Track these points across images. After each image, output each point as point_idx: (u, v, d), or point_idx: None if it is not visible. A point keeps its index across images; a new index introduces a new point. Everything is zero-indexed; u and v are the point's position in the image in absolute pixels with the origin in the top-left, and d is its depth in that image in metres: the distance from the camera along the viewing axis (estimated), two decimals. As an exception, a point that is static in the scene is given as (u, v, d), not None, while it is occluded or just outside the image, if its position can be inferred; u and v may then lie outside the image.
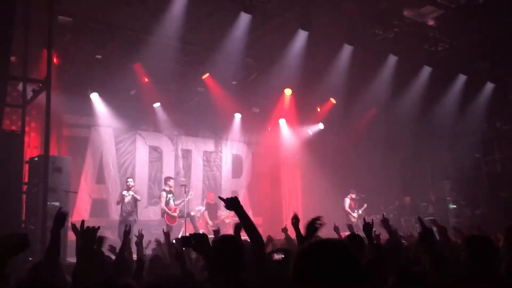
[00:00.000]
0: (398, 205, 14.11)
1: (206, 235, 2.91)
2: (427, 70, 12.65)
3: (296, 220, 3.80)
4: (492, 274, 2.93)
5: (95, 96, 11.06)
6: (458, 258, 3.24)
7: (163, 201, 10.71)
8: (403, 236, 6.45)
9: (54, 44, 8.28)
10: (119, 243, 4.95)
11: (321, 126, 14.60)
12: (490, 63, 13.07)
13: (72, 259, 5.64)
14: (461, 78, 13.08)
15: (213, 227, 9.87)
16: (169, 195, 10.80)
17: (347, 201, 12.84)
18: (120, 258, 4.31)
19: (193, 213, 11.05)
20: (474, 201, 13.36)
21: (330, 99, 13.82)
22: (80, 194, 10.93)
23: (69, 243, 6.87)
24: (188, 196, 10.76)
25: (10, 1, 7.04)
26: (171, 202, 10.75)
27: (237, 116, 13.87)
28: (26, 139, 8.94)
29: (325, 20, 10.46)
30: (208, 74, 11.77)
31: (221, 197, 3.01)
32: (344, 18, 10.70)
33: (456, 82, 13.13)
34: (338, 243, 1.55)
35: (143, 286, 3.27)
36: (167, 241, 5.16)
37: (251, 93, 13.01)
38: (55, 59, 9.26)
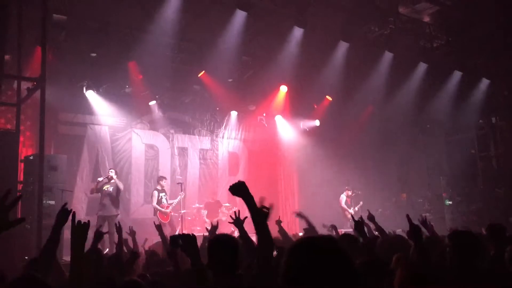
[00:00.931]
0: (395, 201, 14.16)
1: (194, 236, 2.83)
2: (422, 66, 12.69)
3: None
4: (476, 266, 3.08)
5: (90, 94, 11.01)
6: (443, 253, 3.38)
7: (155, 200, 10.73)
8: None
9: (49, 42, 8.24)
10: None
11: (317, 123, 14.61)
12: (486, 59, 13.10)
13: (68, 258, 5.61)
14: (457, 74, 13.13)
15: (208, 225, 9.85)
16: (161, 194, 10.82)
17: (343, 198, 12.87)
18: (118, 255, 4.31)
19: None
20: (469, 197, 13.43)
21: (326, 96, 13.83)
22: (76, 192, 10.91)
23: (65, 243, 6.85)
24: (178, 197, 10.81)
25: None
26: (164, 201, 10.77)
27: (233, 113, 13.89)
28: (21, 138, 8.92)
29: (320, 17, 10.47)
30: (204, 72, 11.76)
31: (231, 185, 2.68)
32: (340, 15, 10.71)
33: (452, 78, 13.18)
34: (328, 240, 1.55)
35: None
36: (161, 235, 5.13)
37: (247, 90, 12.99)
38: (50, 57, 9.21)
